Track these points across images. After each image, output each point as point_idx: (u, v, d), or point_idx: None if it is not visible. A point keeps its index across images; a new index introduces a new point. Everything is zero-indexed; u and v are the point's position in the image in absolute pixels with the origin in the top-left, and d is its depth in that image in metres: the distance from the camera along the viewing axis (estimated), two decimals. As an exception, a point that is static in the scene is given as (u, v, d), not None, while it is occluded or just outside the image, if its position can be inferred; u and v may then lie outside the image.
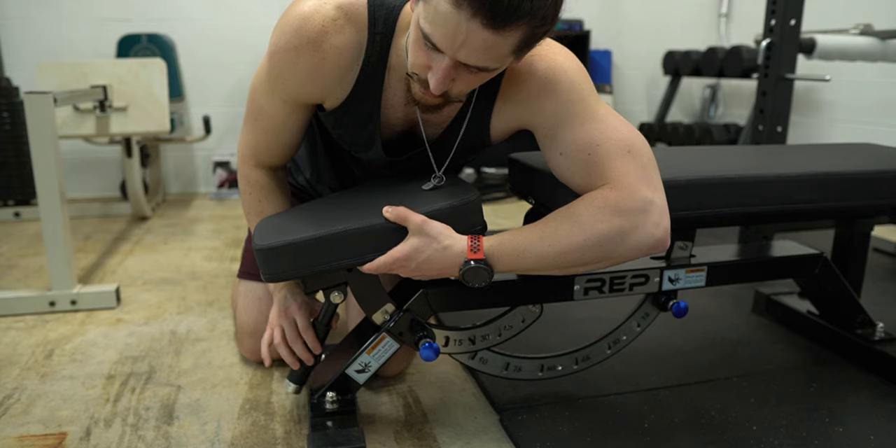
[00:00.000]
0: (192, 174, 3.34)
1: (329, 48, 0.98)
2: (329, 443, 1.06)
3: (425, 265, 0.98)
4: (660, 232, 0.97)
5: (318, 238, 0.98)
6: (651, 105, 3.91)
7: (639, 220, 0.96)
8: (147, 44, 2.94)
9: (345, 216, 1.02)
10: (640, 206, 0.96)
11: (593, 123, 1.00)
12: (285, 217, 1.10)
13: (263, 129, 1.13)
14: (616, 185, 0.97)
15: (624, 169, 0.98)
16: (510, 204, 2.96)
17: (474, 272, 0.97)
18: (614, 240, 0.96)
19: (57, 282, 1.71)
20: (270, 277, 1.01)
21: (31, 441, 1.13)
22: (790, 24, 1.92)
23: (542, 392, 1.27)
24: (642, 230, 0.96)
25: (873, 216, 1.44)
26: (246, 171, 1.20)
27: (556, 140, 1.02)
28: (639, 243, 0.97)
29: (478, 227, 1.03)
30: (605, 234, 0.95)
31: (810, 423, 1.18)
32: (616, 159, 0.98)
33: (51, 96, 1.63)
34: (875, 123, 2.87)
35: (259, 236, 1.02)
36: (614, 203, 0.96)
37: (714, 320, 1.65)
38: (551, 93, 1.01)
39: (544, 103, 1.01)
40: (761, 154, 1.41)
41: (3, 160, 2.71)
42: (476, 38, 0.82)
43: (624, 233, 0.96)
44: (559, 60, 1.02)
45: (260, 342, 1.38)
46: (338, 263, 0.99)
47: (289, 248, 0.98)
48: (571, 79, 1.01)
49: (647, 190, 0.97)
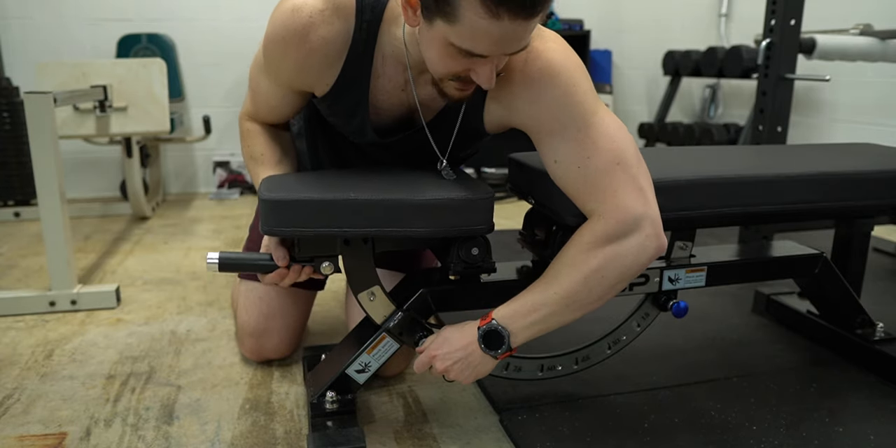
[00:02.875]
0: (192, 174, 3.34)
1: (316, 39, 1.00)
2: (329, 443, 1.06)
3: (457, 365, 1.05)
4: (653, 243, 1.00)
5: (323, 200, 0.98)
6: (651, 105, 3.91)
7: (631, 241, 0.99)
8: (147, 44, 2.94)
9: (354, 186, 1.03)
10: (629, 228, 0.99)
11: (586, 132, 0.99)
12: (298, 177, 1.12)
13: (260, 103, 1.18)
14: (604, 208, 0.99)
15: (612, 186, 0.98)
16: (510, 204, 2.96)
17: (489, 336, 1.02)
18: (613, 266, 0.99)
19: (57, 282, 1.71)
20: (269, 230, 1.01)
21: (31, 441, 1.13)
22: (790, 24, 1.92)
23: (542, 392, 1.27)
24: (636, 247, 0.99)
25: (873, 216, 1.44)
26: (244, 124, 1.24)
27: (550, 147, 1.03)
28: (638, 260, 1.00)
29: (484, 225, 1.04)
30: (602, 265, 0.99)
31: (810, 423, 1.18)
32: (605, 176, 0.98)
33: (51, 96, 1.63)
34: (875, 123, 2.87)
35: (266, 188, 1.02)
36: (603, 234, 0.99)
37: (714, 320, 1.65)
38: (541, 98, 0.99)
39: (534, 109, 1.01)
40: (761, 154, 1.41)
41: (3, 160, 2.71)
42: (517, 31, 0.85)
43: (620, 256, 0.99)
44: (555, 59, 0.99)
45: (261, 342, 1.39)
46: (338, 230, 0.99)
47: (293, 205, 0.98)
48: (566, 82, 0.98)
49: (636, 204, 0.98)
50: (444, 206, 0.99)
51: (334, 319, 1.66)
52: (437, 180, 1.08)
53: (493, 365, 1.07)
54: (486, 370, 1.07)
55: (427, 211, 0.99)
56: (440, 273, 1.16)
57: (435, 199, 0.99)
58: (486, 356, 1.04)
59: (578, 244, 1.01)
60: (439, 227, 1.01)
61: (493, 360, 1.05)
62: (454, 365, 1.04)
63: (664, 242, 1.01)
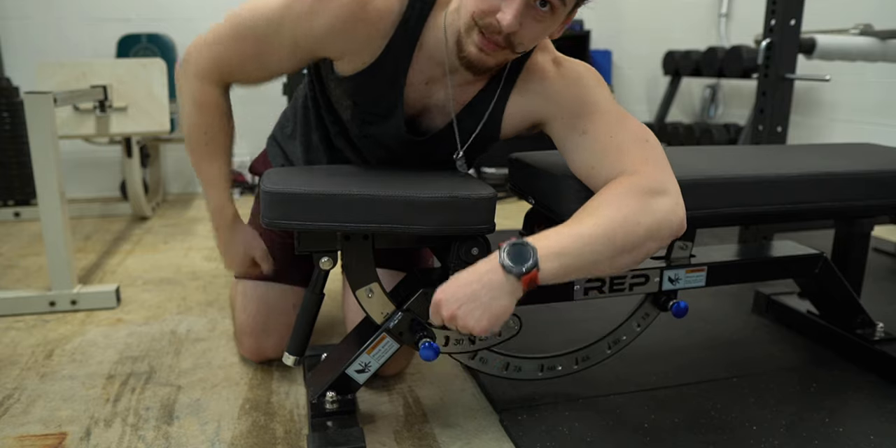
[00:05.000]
0: (192, 174, 3.34)
1: (372, 10, 0.99)
2: (329, 443, 1.06)
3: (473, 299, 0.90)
4: (680, 214, 1.00)
5: (324, 194, 0.98)
6: (651, 105, 3.90)
7: (664, 200, 0.99)
8: (147, 44, 2.94)
9: (357, 181, 1.03)
10: (663, 188, 0.99)
11: (613, 116, 1.05)
12: (301, 171, 1.12)
13: (247, 54, 1.06)
14: (639, 169, 1.00)
15: (642, 155, 1.02)
16: (510, 204, 2.96)
17: (514, 250, 0.89)
18: (648, 216, 0.96)
19: (57, 282, 1.71)
20: (269, 223, 1.01)
21: (31, 441, 1.13)
22: (790, 24, 1.92)
23: (542, 392, 1.27)
24: (668, 208, 0.98)
25: (873, 216, 1.44)
26: (198, 87, 1.09)
27: (576, 129, 1.05)
28: (668, 221, 0.97)
29: (486, 225, 1.04)
30: (640, 210, 0.96)
31: (810, 423, 1.18)
32: (635, 145, 1.03)
33: (51, 96, 1.63)
34: (875, 123, 2.87)
35: (269, 180, 1.02)
36: (638, 185, 0.98)
37: (714, 320, 1.65)
38: (575, 86, 1.07)
39: (568, 94, 1.07)
40: (761, 154, 1.41)
41: (3, 160, 2.71)
42: None
43: (654, 210, 0.97)
44: (585, 67, 1.11)
45: (260, 342, 1.38)
46: (338, 225, 1.00)
47: (294, 198, 0.98)
48: (596, 79, 1.09)
49: (664, 176, 1.01)
50: (446, 205, 0.99)
51: (334, 319, 1.66)
52: (440, 179, 1.08)
53: (510, 301, 0.90)
54: (501, 308, 0.90)
55: (429, 209, 0.99)
56: (440, 273, 1.16)
57: (437, 198, 0.99)
58: (502, 287, 0.89)
59: (616, 188, 0.98)
60: (440, 225, 1.01)
61: (510, 293, 0.90)
62: (461, 308, 0.89)
63: (685, 223, 1.00)
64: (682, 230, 1.00)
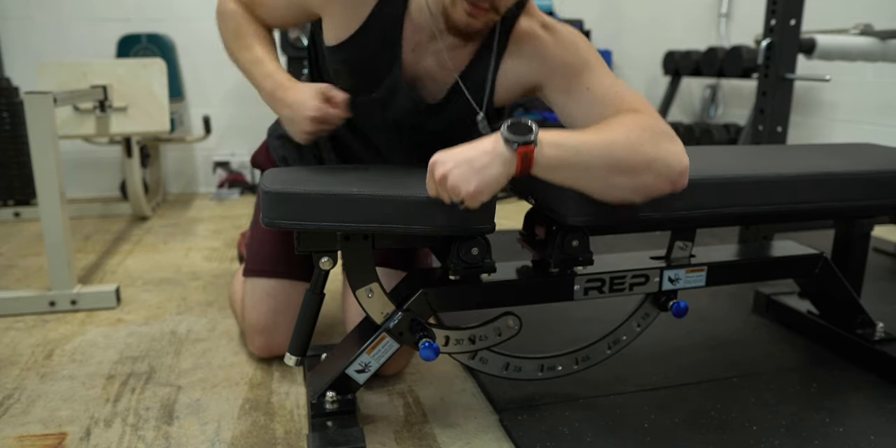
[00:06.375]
0: (192, 174, 3.34)
1: None
2: (329, 443, 1.06)
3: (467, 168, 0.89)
4: (686, 161, 0.99)
5: (324, 194, 0.98)
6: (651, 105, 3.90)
7: (670, 144, 0.99)
8: (147, 44, 2.94)
9: (357, 181, 1.03)
10: (670, 133, 1.01)
11: (609, 74, 1.10)
12: (302, 170, 1.12)
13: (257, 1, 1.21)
14: (643, 111, 1.03)
15: (645, 105, 1.06)
16: (510, 204, 2.96)
17: (515, 125, 0.88)
18: (651, 146, 0.97)
19: (57, 282, 1.71)
20: (269, 223, 1.01)
21: (31, 441, 1.13)
22: (790, 24, 1.92)
23: (542, 392, 1.27)
24: (672, 152, 0.98)
25: (873, 216, 1.44)
26: (230, 5, 1.24)
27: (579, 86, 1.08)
28: (669, 165, 0.97)
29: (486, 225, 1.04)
30: (645, 138, 0.97)
31: (810, 423, 1.18)
32: (635, 96, 1.07)
33: (51, 96, 1.63)
34: (875, 123, 2.87)
35: (269, 180, 1.03)
36: (648, 123, 1.00)
37: (714, 320, 1.65)
38: (571, 49, 1.10)
39: (566, 58, 1.09)
40: (761, 154, 1.41)
41: (3, 160, 2.71)
42: None
43: (658, 146, 0.97)
44: (574, 31, 1.13)
45: (271, 339, 1.38)
46: (338, 225, 1.00)
47: (294, 197, 0.99)
48: (586, 42, 1.12)
49: (669, 128, 1.02)
50: (445, 205, 0.99)
51: (334, 319, 1.66)
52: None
53: (501, 172, 0.89)
54: (492, 177, 0.88)
55: (429, 209, 0.99)
56: (440, 273, 1.16)
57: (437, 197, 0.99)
58: (498, 155, 0.88)
59: (627, 117, 1.00)
60: (440, 225, 1.01)
61: (504, 164, 0.88)
62: (453, 171, 0.88)
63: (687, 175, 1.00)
64: (682, 180, 0.99)
